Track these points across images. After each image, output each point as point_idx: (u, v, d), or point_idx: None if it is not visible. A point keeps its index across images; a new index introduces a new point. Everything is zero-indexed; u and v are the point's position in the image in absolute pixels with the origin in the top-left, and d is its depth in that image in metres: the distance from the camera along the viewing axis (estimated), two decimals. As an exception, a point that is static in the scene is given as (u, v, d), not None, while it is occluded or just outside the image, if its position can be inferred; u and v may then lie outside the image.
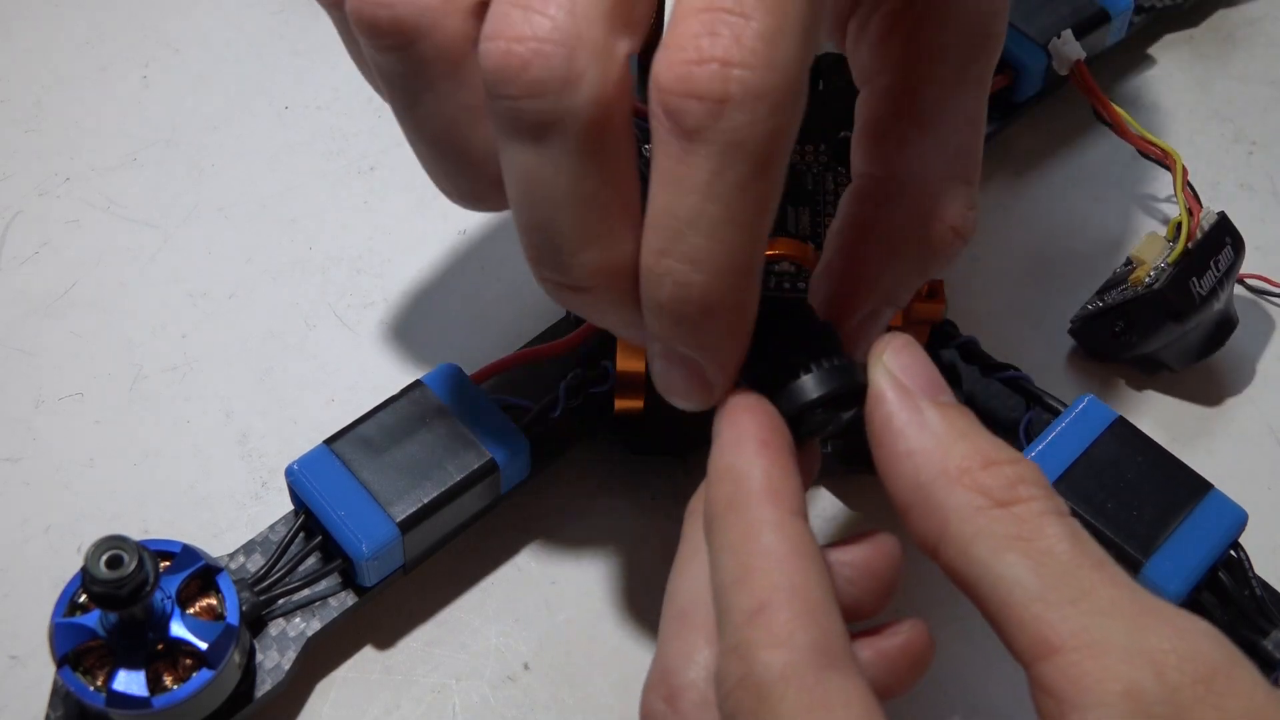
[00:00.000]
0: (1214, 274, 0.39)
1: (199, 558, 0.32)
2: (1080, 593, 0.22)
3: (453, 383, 0.36)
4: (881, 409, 0.25)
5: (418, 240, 0.44)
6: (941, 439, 0.25)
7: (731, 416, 0.26)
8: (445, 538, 0.35)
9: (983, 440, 0.25)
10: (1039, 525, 0.23)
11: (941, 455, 0.24)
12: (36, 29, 0.50)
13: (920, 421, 0.25)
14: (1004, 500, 0.24)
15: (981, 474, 0.24)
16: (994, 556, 0.23)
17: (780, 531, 0.24)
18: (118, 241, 0.44)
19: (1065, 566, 0.23)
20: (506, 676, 0.35)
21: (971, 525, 0.23)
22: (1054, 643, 0.22)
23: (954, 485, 0.24)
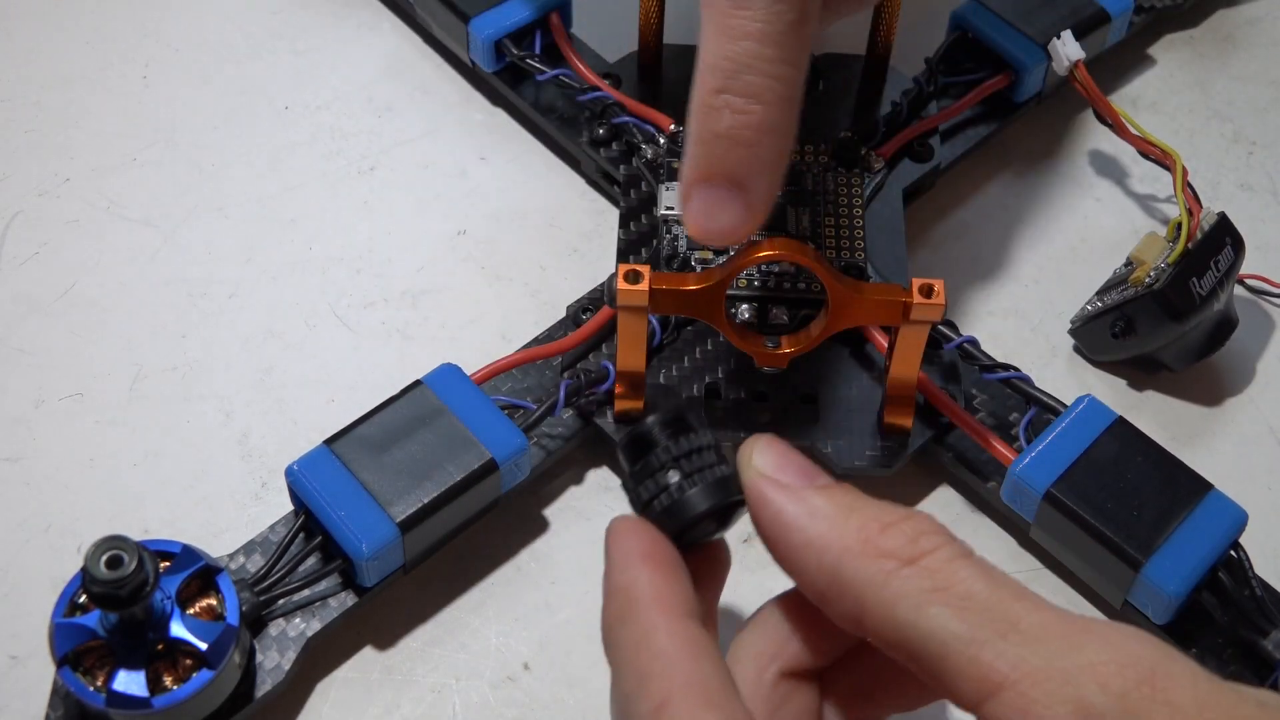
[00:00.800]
0: (1214, 274, 0.39)
1: (199, 558, 0.32)
2: (1008, 626, 0.23)
3: (453, 383, 0.36)
4: (767, 510, 0.26)
5: (418, 240, 0.44)
6: (834, 520, 0.25)
7: (615, 539, 0.27)
8: (445, 538, 0.35)
9: (871, 508, 0.25)
10: (951, 572, 0.24)
11: (838, 535, 0.25)
12: (36, 29, 0.50)
13: (808, 510, 0.25)
14: (911, 557, 0.24)
15: (881, 539, 0.24)
16: (917, 614, 0.23)
17: (671, 634, 0.25)
18: (118, 241, 0.44)
19: (987, 604, 0.23)
20: (506, 676, 0.35)
21: (888, 591, 0.24)
22: (995, 680, 0.22)
23: (859, 559, 0.24)
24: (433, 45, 0.50)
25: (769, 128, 0.31)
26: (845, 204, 0.42)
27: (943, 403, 0.38)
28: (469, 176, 0.46)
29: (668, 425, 0.28)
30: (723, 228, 0.32)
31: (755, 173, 0.31)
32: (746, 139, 0.31)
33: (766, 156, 0.31)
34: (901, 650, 0.24)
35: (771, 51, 0.30)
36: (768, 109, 0.30)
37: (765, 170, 0.31)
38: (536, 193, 0.46)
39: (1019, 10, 0.46)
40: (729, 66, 0.30)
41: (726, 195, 0.31)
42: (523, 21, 0.45)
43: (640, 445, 0.28)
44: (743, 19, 0.30)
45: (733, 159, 0.31)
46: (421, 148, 0.47)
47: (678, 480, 0.27)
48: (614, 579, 0.26)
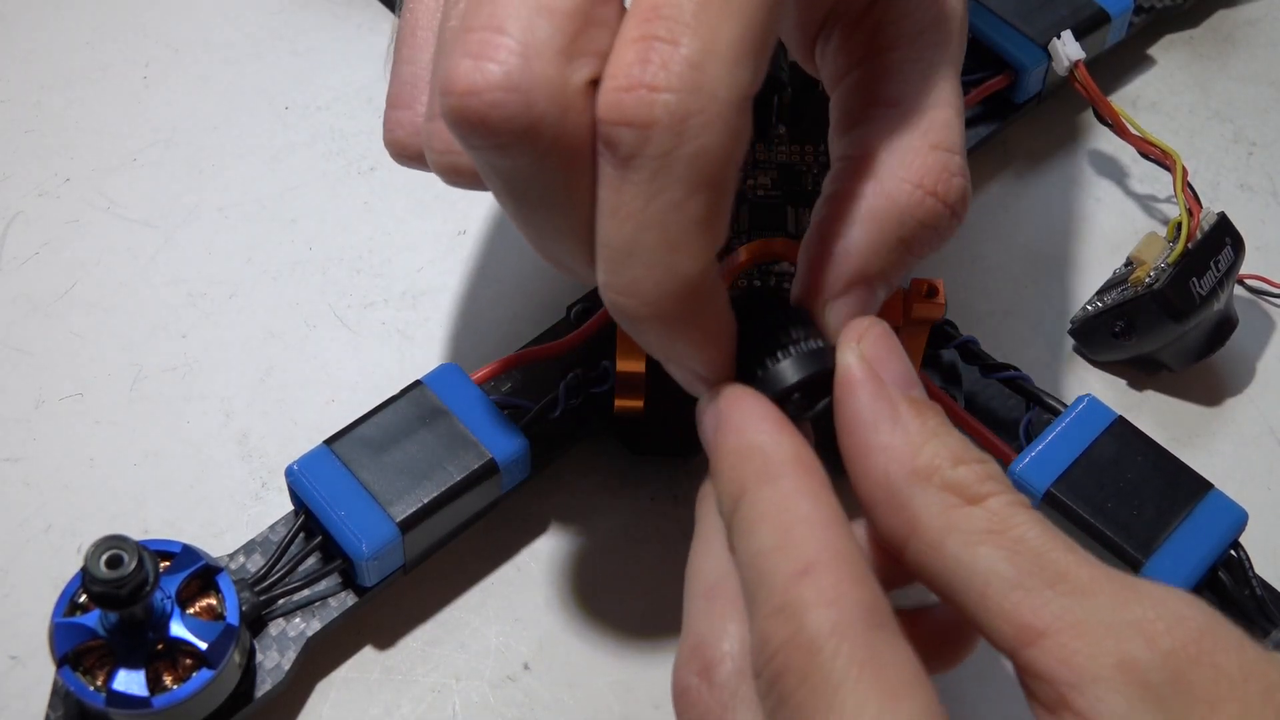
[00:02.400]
0: (1214, 274, 0.39)
1: (199, 558, 0.32)
2: (1057, 576, 0.23)
3: (453, 383, 0.36)
4: (853, 401, 0.25)
5: (418, 240, 0.44)
6: (913, 437, 0.25)
7: (731, 402, 0.26)
8: (445, 538, 0.35)
9: (952, 439, 0.25)
10: (1009, 515, 0.23)
11: (912, 453, 0.24)
12: (36, 29, 0.50)
13: (893, 416, 0.25)
14: (974, 497, 0.24)
15: (951, 472, 0.24)
16: (967, 551, 0.23)
17: (816, 500, 0.24)
18: (118, 241, 0.44)
19: (1039, 552, 0.23)
20: (506, 676, 0.35)
21: (943, 522, 0.24)
22: (1038, 627, 0.22)
23: (925, 484, 0.24)
24: (433, 45, 0.50)
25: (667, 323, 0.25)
26: (845, 204, 0.42)
27: (943, 403, 0.38)
28: (469, 176, 0.46)
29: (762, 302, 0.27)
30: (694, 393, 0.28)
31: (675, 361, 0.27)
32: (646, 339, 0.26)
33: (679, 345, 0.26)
34: (942, 584, 0.24)
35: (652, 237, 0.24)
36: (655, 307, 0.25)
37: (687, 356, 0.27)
38: (536, 193, 0.45)
39: (1019, 10, 0.46)
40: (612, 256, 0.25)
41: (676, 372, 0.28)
42: (523, 21, 0.45)
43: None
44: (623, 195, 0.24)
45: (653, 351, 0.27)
46: (421, 148, 0.47)
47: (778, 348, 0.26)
48: (745, 439, 0.25)
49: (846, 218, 0.28)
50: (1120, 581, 0.23)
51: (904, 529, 0.24)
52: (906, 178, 0.27)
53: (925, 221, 0.28)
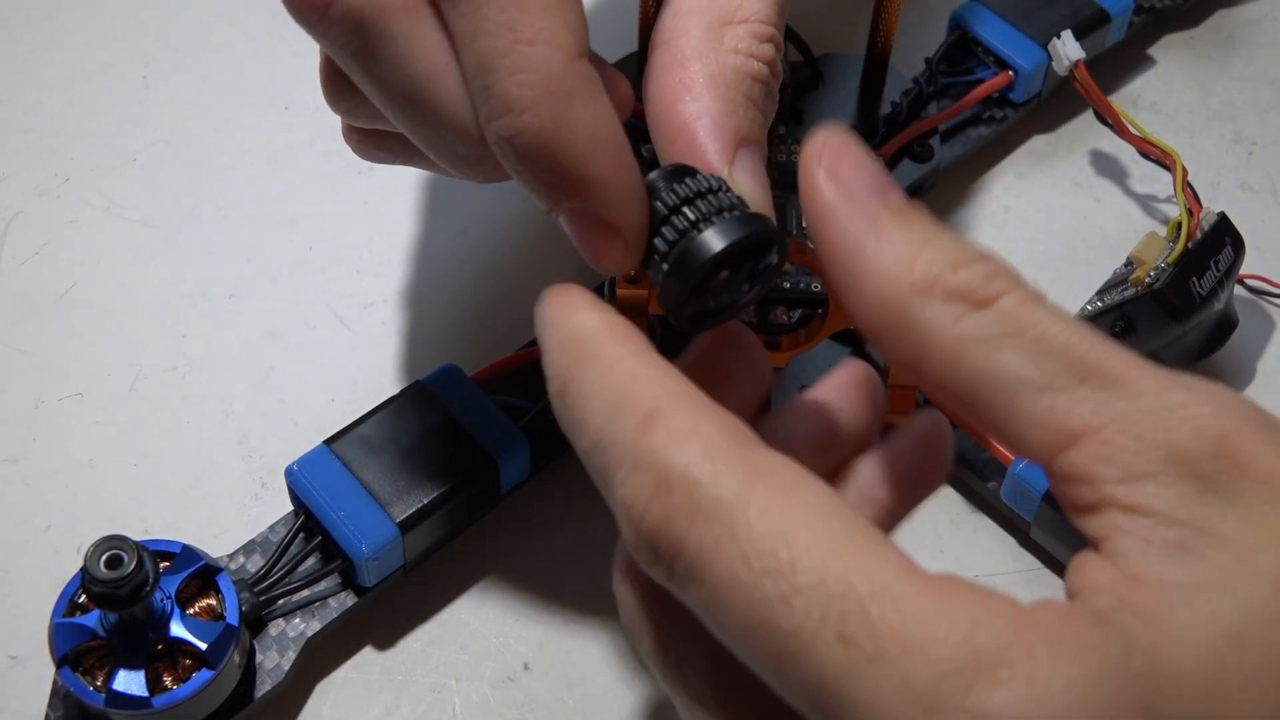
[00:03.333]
0: (1214, 274, 0.39)
1: (199, 558, 0.32)
2: (1088, 370, 0.21)
3: (453, 383, 0.36)
4: (830, 226, 0.23)
5: (418, 240, 0.44)
6: (902, 250, 0.22)
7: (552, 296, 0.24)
8: (445, 538, 0.35)
9: (945, 241, 0.22)
10: (1025, 314, 0.21)
11: (907, 268, 0.22)
12: (36, 29, 0.50)
13: (876, 232, 0.22)
14: (984, 300, 0.21)
15: (953, 278, 0.22)
16: (988, 359, 0.21)
17: (640, 360, 0.22)
18: (118, 241, 0.44)
19: (1065, 348, 0.21)
20: (506, 676, 0.35)
21: (956, 334, 0.21)
22: (1075, 428, 0.21)
23: (928, 298, 0.22)
24: (433, 45, 0.50)
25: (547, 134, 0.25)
26: (845, 204, 0.42)
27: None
28: (469, 176, 0.46)
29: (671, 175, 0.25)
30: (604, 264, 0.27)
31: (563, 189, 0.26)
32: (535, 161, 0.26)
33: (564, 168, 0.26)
34: (966, 400, 0.22)
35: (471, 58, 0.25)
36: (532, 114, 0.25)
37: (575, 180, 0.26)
38: (536, 193, 0.45)
39: (1019, 10, 0.46)
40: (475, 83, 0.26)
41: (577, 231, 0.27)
42: (523, 21, 0.45)
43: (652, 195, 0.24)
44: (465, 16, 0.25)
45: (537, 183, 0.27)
46: (421, 148, 0.47)
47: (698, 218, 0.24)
48: (560, 329, 0.23)
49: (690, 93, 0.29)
50: (1156, 371, 0.21)
51: (915, 351, 0.22)
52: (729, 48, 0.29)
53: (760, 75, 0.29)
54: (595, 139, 0.26)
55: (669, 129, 0.29)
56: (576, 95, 0.25)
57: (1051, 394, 0.21)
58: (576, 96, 0.25)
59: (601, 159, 0.26)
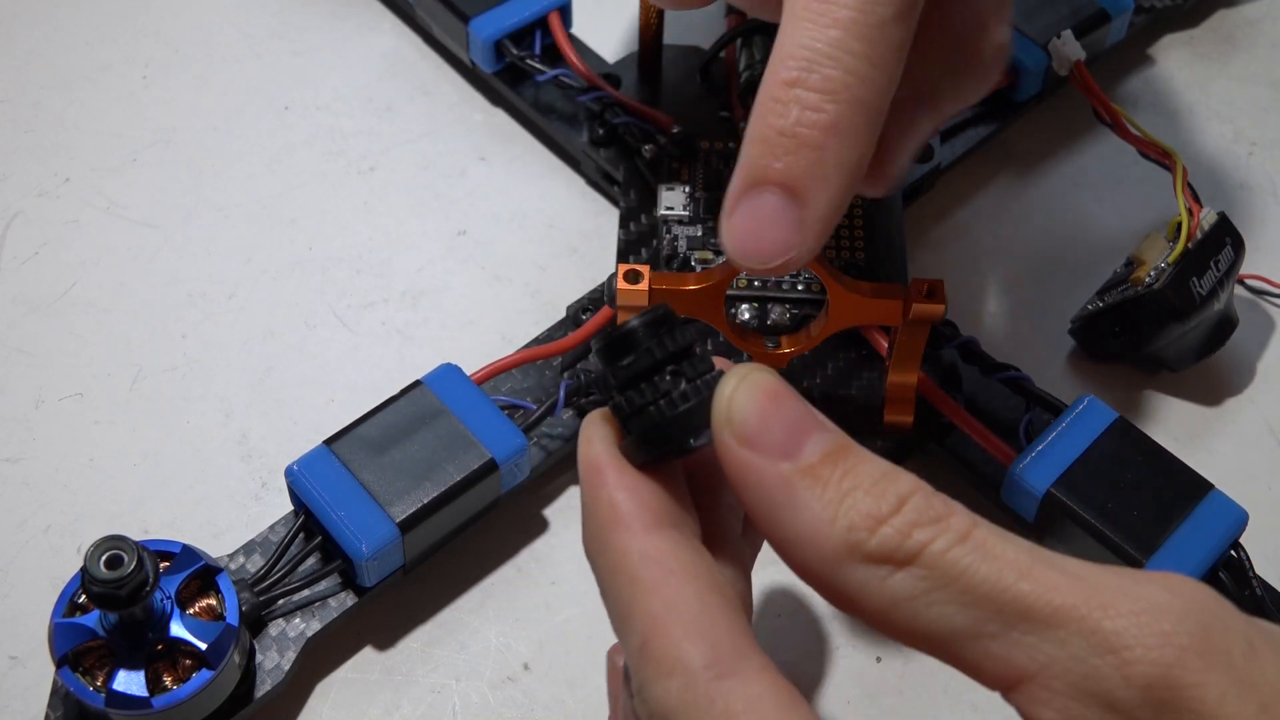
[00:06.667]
0: (1214, 274, 0.39)
1: (199, 558, 0.32)
2: (1017, 614, 0.21)
3: (453, 383, 0.36)
4: (747, 495, 0.23)
5: (418, 240, 0.44)
6: (819, 515, 0.22)
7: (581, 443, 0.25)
8: (445, 538, 0.35)
9: (860, 495, 0.22)
10: (950, 564, 0.21)
11: (826, 536, 0.22)
12: (36, 29, 0.50)
13: (791, 501, 0.22)
14: (906, 558, 0.21)
15: (873, 542, 0.22)
16: (920, 617, 0.21)
17: (642, 555, 0.23)
18: (118, 241, 0.44)
19: (992, 593, 0.21)
20: (506, 676, 0.35)
21: (885, 598, 0.22)
22: (1013, 673, 0.21)
23: (850, 565, 0.22)
24: (433, 45, 0.50)
25: (841, 131, 0.26)
26: (845, 204, 0.42)
27: (943, 402, 0.38)
28: (469, 176, 0.46)
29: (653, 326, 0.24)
30: (769, 247, 0.27)
31: (816, 181, 0.26)
32: (812, 140, 0.26)
33: (832, 164, 0.26)
34: (914, 644, 0.22)
35: (859, 46, 0.26)
36: (842, 109, 0.26)
37: (828, 182, 0.26)
38: (536, 193, 0.46)
39: (1019, 10, 0.46)
40: (807, 56, 0.26)
41: (778, 206, 0.26)
42: (523, 22, 0.45)
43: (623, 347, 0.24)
44: (832, 5, 0.26)
45: (792, 161, 0.26)
46: (421, 148, 0.47)
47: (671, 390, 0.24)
48: (582, 495, 0.25)
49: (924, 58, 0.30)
50: (1093, 591, 0.21)
51: (852, 610, 0.22)
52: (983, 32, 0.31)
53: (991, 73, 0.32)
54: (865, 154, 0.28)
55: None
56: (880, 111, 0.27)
57: (984, 641, 0.21)
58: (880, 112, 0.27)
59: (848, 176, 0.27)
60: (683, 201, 0.41)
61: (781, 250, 0.27)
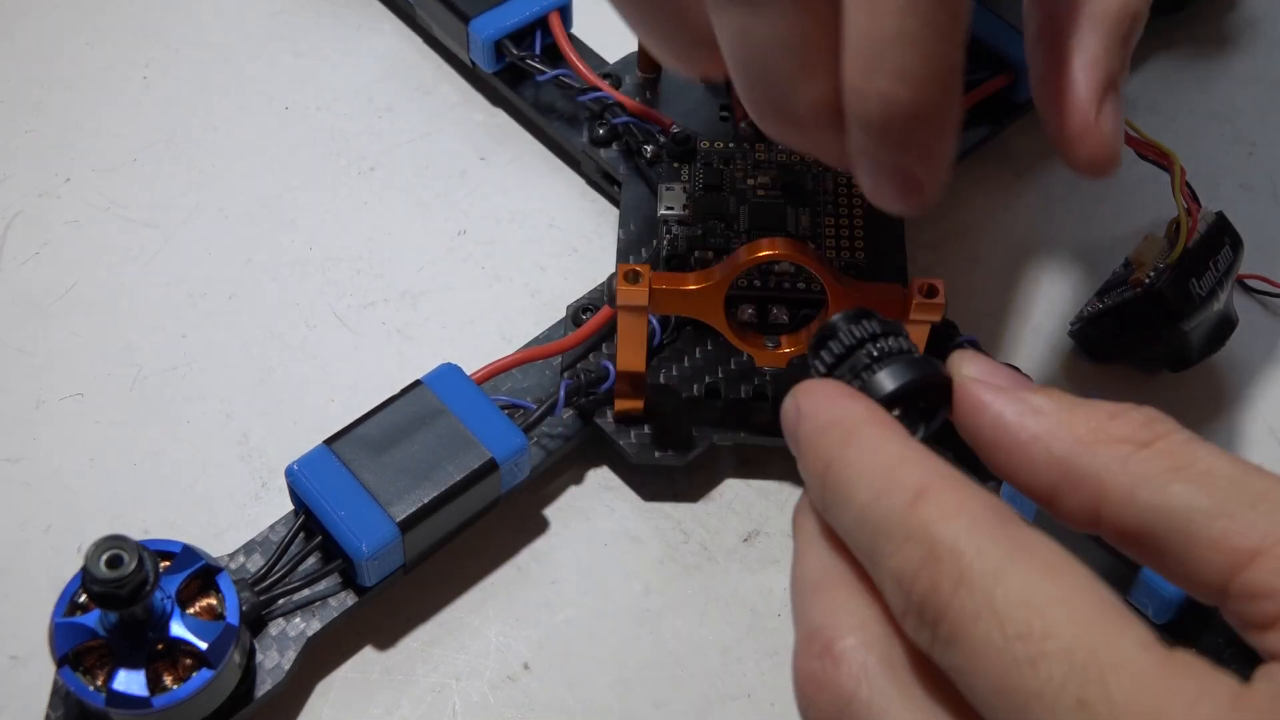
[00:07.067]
0: (1213, 274, 0.39)
1: (199, 558, 0.32)
2: (1256, 496, 0.22)
3: (453, 383, 0.36)
4: (987, 413, 0.25)
5: (418, 240, 0.44)
6: (1059, 414, 0.24)
7: (805, 392, 0.26)
8: (445, 538, 0.35)
9: (1094, 402, 0.24)
10: (1189, 452, 0.23)
11: (1067, 427, 0.24)
12: (36, 29, 0.50)
13: (1030, 408, 0.24)
14: (1146, 440, 0.23)
15: (1113, 426, 0.24)
16: (1160, 494, 0.23)
17: (905, 442, 0.24)
18: (118, 241, 0.44)
19: (1231, 479, 0.23)
20: (506, 676, 0.35)
21: (1127, 475, 0.23)
22: (1249, 548, 0.22)
23: (1094, 447, 0.23)
24: (433, 46, 0.50)
25: (922, 109, 0.27)
26: (845, 204, 0.42)
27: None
28: (469, 176, 0.46)
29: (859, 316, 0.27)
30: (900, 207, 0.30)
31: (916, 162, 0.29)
32: (898, 126, 0.28)
33: (926, 135, 0.28)
34: (1145, 539, 0.23)
35: (916, 24, 0.27)
36: (917, 90, 0.27)
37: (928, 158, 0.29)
38: (536, 193, 0.46)
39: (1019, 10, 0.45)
40: (873, 45, 0.27)
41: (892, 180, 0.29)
42: (523, 22, 0.45)
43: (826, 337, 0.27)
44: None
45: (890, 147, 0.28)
46: (421, 148, 0.47)
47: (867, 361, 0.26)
48: (821, 416, 0.25)
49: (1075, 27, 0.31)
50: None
51: (1092, 500, 0.24)
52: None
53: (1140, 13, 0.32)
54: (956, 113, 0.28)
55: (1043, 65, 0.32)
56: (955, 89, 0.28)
57: (1225, 519, 0.22)
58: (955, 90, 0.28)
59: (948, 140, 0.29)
60: (683, 201, 0.41)
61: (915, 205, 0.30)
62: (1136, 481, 0.23)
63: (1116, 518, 0.23)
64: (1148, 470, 0.23)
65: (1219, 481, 0.23)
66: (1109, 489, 0.23)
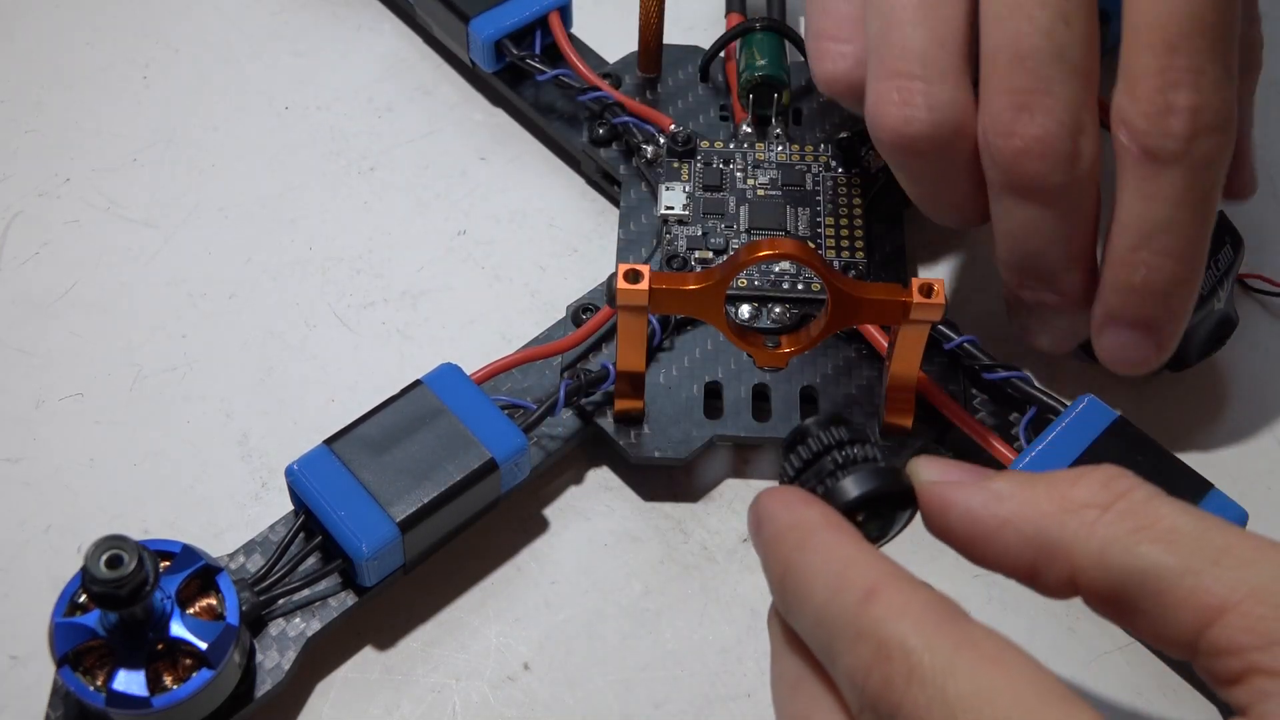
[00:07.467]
0: (1214, 273, 0.39)
1: (199, 558, 0.32)
2: (1220, 552, 0.23)
3: (453, 383, 0.36)
4: (954, 510, 0.26)
5: (418, 240, 0.44)
6: (1021, 494, 0.25)
7: (766, 497, 0.27)
8: (445, 538, 0.35)
9: (1051, 474, 0.25)
10: (1153, 510, 0.24)
11: (1032, 505, 0.25)
12: (36, 29, 0.50)
13: (994, 495, 0.25)
14: (1108, 502, 0.24)
15: (1075, 492, 0.24)
16: (1128, 555, 0.23)
17: (858, 545, 0.25)
18: (118, 241, 0.44)
19: (1195, 535, 0.23)
20: (506, 676, 0.35)
21: (1095, 540, 0.24)
22: (1215, 604, 0.23)
23: (1061, 518, 0.24)
24: (433, 46, 0.50)
25: (1180, 281, 0.34)
26: (845, 204, 0.42)
27: (943, 403, 0.38)
28: (469, 176, 0.46)
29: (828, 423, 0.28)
30: (1133, 361, 0.36)
31: (1165, 320, 0.35)
32: (1158, 292, 0.34)
33: (1177, 306, 0.35)
34: (1117, 598, 0.24)
35: (1187, 215, 0.33)
36: (1181, 266, 0.34)
37: (1175, 318, 0.35)
38: (536, 193, 0.46)
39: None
40: (1144, 228, 0.34)
41: (1139, 337, 0.35)
42: (523, 22, 0.45)
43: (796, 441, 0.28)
44: (1160, 186, 0.33)
45: (1145, 309, 0.35)
46: (421, 148, 0.47)
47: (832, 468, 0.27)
48: (780, 521, 0.26)
49: None
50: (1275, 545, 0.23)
51: (1066, 569, 0.24)
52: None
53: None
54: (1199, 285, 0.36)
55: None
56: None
57: (1191, 576, 0.23)
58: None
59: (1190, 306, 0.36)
60: (683, 201, 0.41)
61: (1143, 365, 0.36)
62: (1104, 545, 0.24)
63: (1091, 582, 0.24)
64: (1114, 533, 0.24)
65: (1183, 539, 0.23)
66: (1079, 556, 0.24)
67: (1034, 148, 0.34)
